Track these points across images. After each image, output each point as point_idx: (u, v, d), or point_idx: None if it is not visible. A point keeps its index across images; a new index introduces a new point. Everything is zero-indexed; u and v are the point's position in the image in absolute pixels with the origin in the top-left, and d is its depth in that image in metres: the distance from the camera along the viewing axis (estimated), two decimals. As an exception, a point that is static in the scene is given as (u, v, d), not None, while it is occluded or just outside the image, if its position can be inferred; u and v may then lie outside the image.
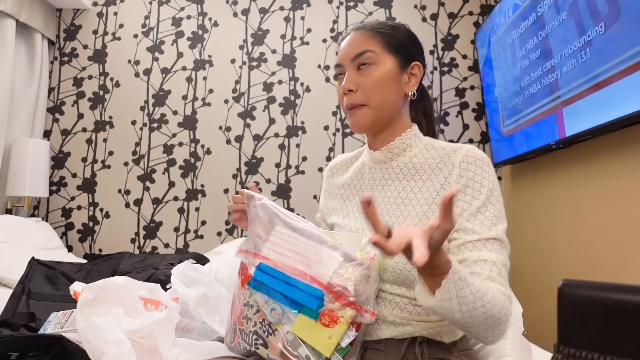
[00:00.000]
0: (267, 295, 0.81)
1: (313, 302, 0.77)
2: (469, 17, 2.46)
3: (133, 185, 2.45)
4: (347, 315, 0.77)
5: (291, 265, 0.81)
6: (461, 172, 0.82)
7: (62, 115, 2.52)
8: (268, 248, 0.85)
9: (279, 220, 0.87)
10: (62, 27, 2.58)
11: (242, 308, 0.85)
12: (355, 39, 0.89)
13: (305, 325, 0.77)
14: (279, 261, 0.82)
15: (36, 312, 1.38)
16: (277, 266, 0.82)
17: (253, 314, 0.83)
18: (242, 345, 0.84)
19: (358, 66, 0.88)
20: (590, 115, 1.45)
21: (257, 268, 0.83)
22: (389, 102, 0.88)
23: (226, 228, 2.40)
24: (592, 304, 0.41)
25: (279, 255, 0.83)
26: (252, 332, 0.82)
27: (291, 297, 0.78)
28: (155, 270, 1.62)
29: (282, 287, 0.79)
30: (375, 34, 0.88)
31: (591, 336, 0.40)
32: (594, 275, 1.55)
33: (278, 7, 2.53)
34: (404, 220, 0.85)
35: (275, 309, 0.79)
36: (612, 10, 1.31)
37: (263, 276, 0.82)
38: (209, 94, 2.49)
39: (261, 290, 0.81)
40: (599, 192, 1.54)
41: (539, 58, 1.76)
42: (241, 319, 0.84)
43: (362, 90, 0.87)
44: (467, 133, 2.40)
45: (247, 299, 0.84)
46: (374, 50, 0.87)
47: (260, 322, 0.82)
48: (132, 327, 0.96)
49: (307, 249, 0.83)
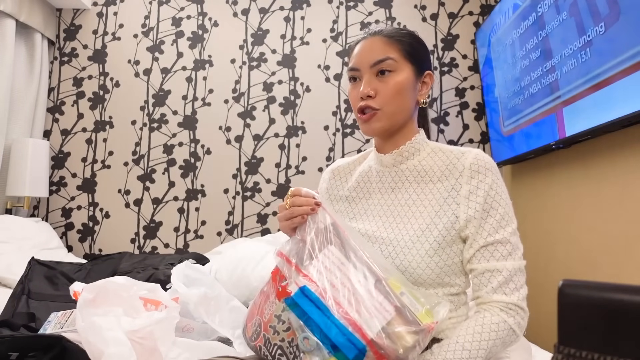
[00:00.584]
0: (302, 321, 0.72)
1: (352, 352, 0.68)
2: (469, 17, 2.46)
3: (133, 185, 2.45)
4: None
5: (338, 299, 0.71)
6: (472, 174, 0.84)
7: (62, 115, 2.52)
8: (316, 269, 0.75)
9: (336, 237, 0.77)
10: (62, 27, 2.58)
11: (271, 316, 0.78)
12: (375, 44, 0.89)
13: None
14: (325, 288, 0.72)
15: (36, 312, 1.38)
16: (322, 295, 0.72)
17: (283, 330, 0.76)
18: (263, 351, 0.79)
19: (377, 72, 0.88)
20: (590, 115, 1.45)
21: (300, 289, 0.73)
22: (404, 109, 0.89)
23: (226, 228, 2.40)
24: (592, 304, 0.41)
25: (325, 280, 0.73)
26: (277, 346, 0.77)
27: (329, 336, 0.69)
28: (155, 270, 1.62)
29: (322, 321, 0.70)
30: (394, 41, 0.89)
31: (591, 336, 0.40)
32: (593, 275, 1.55)
33: (278, 7, 2.53)
34: (415, 221, 0.85)
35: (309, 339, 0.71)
36: (612, 10, 1.31)
37: (304, 300, 0.73)
38: (209, 94, 2.49)
39: (296, 312, 0.73)
40: (599, 192, 1.54)
41: (539, 58, 1.76)
42: (268, 327, 0.78)
43: (381, 96, 0.87)
44: (467, 133, 2.40)
45: (279, 311, 0.77)
46: (394, 58, 0.87)
47: (289, 341, 0.75)
48: (132, 327, 0.96)
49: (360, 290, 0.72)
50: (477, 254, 0.81)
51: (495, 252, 0.80)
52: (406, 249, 0.83)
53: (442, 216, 0.84)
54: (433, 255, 0.81)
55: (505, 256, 0.80)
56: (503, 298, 0.79)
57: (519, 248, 0.83)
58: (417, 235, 0.83)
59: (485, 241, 0.81)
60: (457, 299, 0.86)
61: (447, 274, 0.83)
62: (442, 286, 0.83)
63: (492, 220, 0.81)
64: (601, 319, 0.40)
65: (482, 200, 0.82)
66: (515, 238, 0.83)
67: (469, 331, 0.78)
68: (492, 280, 0.80)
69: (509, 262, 0.80)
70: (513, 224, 0.83)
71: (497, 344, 0.77)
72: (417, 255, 0.82)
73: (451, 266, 0.83)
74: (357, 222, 0.95)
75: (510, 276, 0.79)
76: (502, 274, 0.79)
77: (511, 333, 0.79)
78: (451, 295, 0.85)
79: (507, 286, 0.79)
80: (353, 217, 0.96)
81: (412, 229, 0.84)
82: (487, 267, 0.80)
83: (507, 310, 0.78)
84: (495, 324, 0.77)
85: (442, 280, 0.83)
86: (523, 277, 0.81)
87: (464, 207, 0.83)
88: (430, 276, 0.82)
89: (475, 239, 0.81)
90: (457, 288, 0.85)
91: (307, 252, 0.76)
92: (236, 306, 1.35)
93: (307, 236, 0.78)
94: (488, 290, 0.80)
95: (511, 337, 0.79)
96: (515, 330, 0.79)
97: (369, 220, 0.92)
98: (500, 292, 0.79)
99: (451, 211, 0.83)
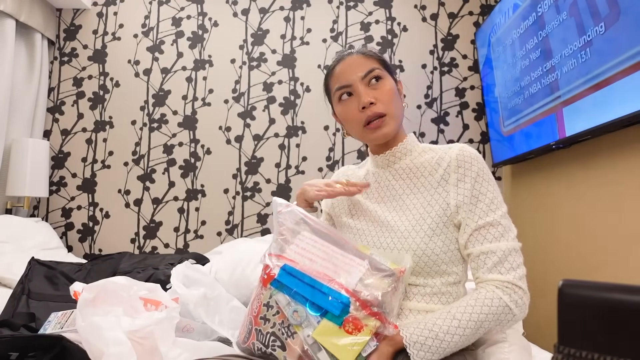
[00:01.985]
0: (289, 297, 0.79)
1: (338, 307, 0.76)
2: (469, 17, 2.46)
3: (133, 185, 2.45)
4: (372, 324, 0.76)
5: (316, 269, 0.81)
6: (458, 162, 0.90)
7: (62, 115, 2.52)
8: (293, 251, 0.84)
9: (306, 226, 0.87)
10: (62, 27, 2.58)
11: (260, 308, 0.83)
12: (357, 60, 0.95)
13: (327, 331, 0.76)
14: (305, 264, 0.81)
15: (36, 312, 1.38)
16: (303, 269, 0.81)
17: (272, 315, 0.81)
18: (257, 345, 0.82)
19: (369, 82, 0.94)
20: (590, 115, 1.45)
21: (281, 269, 0.81)
22: (400, 112, 0.97)
23: (226, 228, 2.40)
24: (592, 304, 0.41)
25: (304, 258, 0.83)
26: (270, 334, 0.81)
27: (315, 301, 0.77)
28: (155, 270, 1.62)
29: (307, 290, 0.78)
30: (369, 56, 0.96)
31: (591, 336, 0.40)
32: (594, 275, 1.55)
33: (278, 7, 2.53)
34: (410, 212, 0.91)
35: (298, 311, 0.78)
36: (612, 10, 1.31)
37: (287, 277, 0.80)
38: (209, 94, 2.49)
39: (283, 291, 0.80)
40: (599, 192, 1.54)
41: (539, 58, 1.76)
42: (259, 319, 0.83)
43: (381, 101, 0.92)
44: (467, 133, 2.40)
45: (267, 299, 0.82)
46: (379, 68, 0.95)
47: (280, 323, 0.80)
48: (132, 327, 0.96)
49: (334, 255, 0.82)
50: (471, 238, 0.86)
51: (487, 235, 0.85)
52: (402, 238, 0.88)
53: (434, 204, 0.90)
54: (428, 242, 0.86)
55: (498, 237, 0.85)
56: (498, 277, 0.82)
57: (511, 230, 0.87)
58: (412, 225, 0.89)
59: (477, 224, 0.85)
60: (456, 290, 0.90)
61: (444, 262, 0.87)
62: (440, 275, 0.88)
63: (482, 204, 0.87)
64: (601, 319, 0.40)
65: (470, 187, 0.88)
66: (506, 221, 0.87)
67: (462, 303, 0.81)
68: (487, 261, 0.84)
69: (502, 243, 0.84)
70: (503, 208, 0.88)
71: (489, 319, 0.80)
72: (412, 243, 0.87)
73: (447, 253, 0.87)
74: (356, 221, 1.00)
75: (504, 256, 0.83)
76: (496, 254, 0.84)
77: (507, 310, 0.81)
78: (449, 284, 0.89)
79: (502, 266, 0.83)
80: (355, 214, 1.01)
81: (407, 219, 0.90)
82: (482, 250, 0.85)
83: (503, 288, 0.81)
84: (489, 299, 0.80)
85: (440, 268, 0.87)
86: (519, 258, 0.85)
87: (454, 194, 0.89)
88: (428, 263, 0.86)
89: (468, 224, 0.87)
90: (454, 277, 0.89)
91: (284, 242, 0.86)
92: (236, 306, 1.35)
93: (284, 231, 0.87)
94: (484, 270, 0.84)
95: (507, 316, 0.81)
96: (511, 308, 0.81)
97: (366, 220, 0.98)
98: (495, 271, 0.83)
99: (442, 199, 0.89)
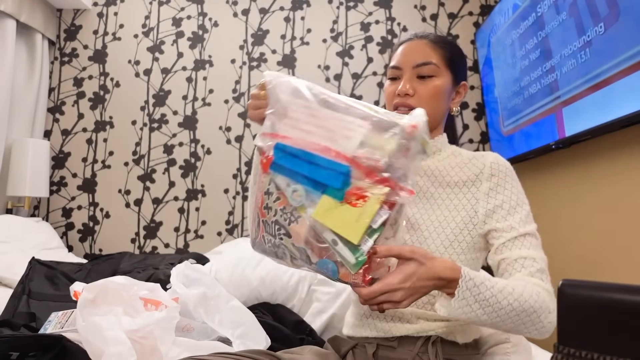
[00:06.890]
0: (288, 178, 0.70)
1: (337, 179, 0.65)
2: (468, 17, 2.46)
3: (133, 185, 2.45)
4: (378, 192, 0.65)
5: (313, 141, 0.69)
6: (492, 171, 0.88)
7: (62, 115, 2.52)
8: (286, 124, 0.73)
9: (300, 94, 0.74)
10: (63, 27, 2.58)
11: (262, 197, 0.75)
12: (420, 47, 0.92)
13: (328, 208, 0.66)
14: (300, 138, 0.70)
15: (36, 312, 1.38)
16: (298, 144, 0.70)
17: (273, 202, 0.72)
18: (267, 238, 0.75)
19: (418, 73, 0.91)
20: (590, 115, 1.45)
21: (275, 148, 0.71)
22: (437, 113, 0.93)
23: (226, 228, 2.40)
24: (592, 304, 0.41)
25: (299, 131, 0.71)
26: (274, 222, 0.72)
27: (314, 177, 0.67)
28: (155, 270, 1.62)
29: (304, 166, 0.68)
30: (439, 47, 0.92)
31: (591, 336, 0.40)
32: (594, 275, 1.55)
33: (278, 7, 2.54)
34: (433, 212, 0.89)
35: (297, 191, 0.68)
36: (611, 10, 1.31)
37: (282, 156, 0.71)
38: (209, 94, 2.49)
39: (282, 173, 0.71)
40: (599, 192, 1.54)
41: (539, 58, 1.76)
42: (263, 209, 0.74)
43: (419, 97, 0.90)
44: (467, 133, 2.40)
45: (267, 186, 0.74)
46: (437, 64, 0.91)
47: (282, 209, 0.71)
48: (132, 326, 0.96)
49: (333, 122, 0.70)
50: (508, 243, 0.82)
51: (525, 243, 0.82)
52: (422, 237, 0.86)
53: (460, 210, 0.87)
54: (448, 246, 0.85)
55: (536, 248, 0.82)
56: (541, 284, 0.78)
57: None
58: (435, 226, 0.87)
59: (518, 232, 0.83)
60: None
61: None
62: None
63: (519, 216, 0.84)
64: (601, 319, 0.40)
65: (507, 198, 0.86)
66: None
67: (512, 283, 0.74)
68: (527, 265, 0.80)
69: (541, 254, 0.82)
70: (535, 224, 0.86)
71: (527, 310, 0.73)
72: (432, 244, 0.85)
73: (463, 262, 0.85)
74: None
75: (544, 267, 0.81)
76: (537, 262, 0.80)
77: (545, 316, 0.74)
78: None
79: (544, 274, 0.80)
80: None
81: (430, 219, 0.88)
82: (522, 254, 0.81)
83: (548, 293, 0.77)
84: (536, 294, 0.74)
85: None
86: None
87: (483, 203, 0.87)
88: None
89: (505, 230, 0.83)
90: None
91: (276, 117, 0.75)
92: (236, 306, 1.35)
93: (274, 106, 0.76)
94: (526, 273, 0.79)
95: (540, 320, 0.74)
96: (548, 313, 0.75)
97: None
98: (537, 277, 0.79)
99: (470, 206, 0.87)
